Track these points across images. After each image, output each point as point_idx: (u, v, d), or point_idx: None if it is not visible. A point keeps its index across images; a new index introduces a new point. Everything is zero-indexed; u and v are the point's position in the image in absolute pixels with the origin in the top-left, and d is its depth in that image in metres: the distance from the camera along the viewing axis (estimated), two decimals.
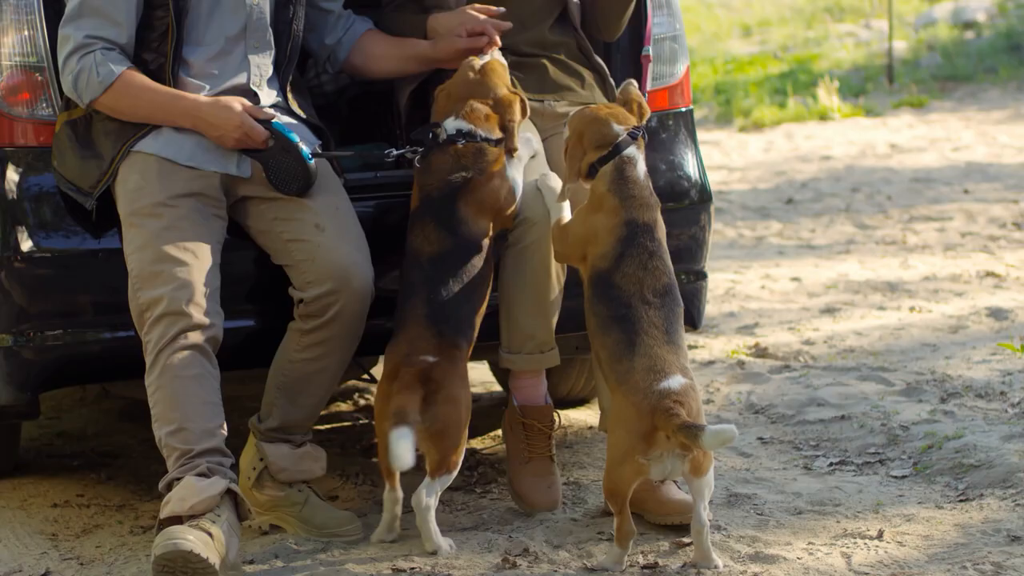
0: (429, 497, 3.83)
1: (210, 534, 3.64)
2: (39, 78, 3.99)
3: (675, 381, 3.67)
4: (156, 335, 3.78)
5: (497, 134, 4.02)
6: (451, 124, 4.02)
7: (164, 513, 3.71)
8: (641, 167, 3.91)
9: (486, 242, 3.97)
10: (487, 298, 3.98)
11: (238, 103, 3.92)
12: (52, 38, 3.97)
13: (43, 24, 3.98)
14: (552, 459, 4.19)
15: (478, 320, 3.97)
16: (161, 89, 3.92)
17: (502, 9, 4.17)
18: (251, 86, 4.06)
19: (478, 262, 3.94)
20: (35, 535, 4.22)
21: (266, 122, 3.93)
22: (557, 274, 4.12)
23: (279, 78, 4.14)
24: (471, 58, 4.10)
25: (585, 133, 3.94)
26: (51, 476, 4.77)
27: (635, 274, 3.79)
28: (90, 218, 3.96)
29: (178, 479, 3.74)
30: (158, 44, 3.95)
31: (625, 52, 4.52)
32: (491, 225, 4.00)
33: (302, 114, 4.18)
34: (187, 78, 3.99)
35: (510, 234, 4.12)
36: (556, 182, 4.08)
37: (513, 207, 4.06)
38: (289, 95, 4.17)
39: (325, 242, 3.93)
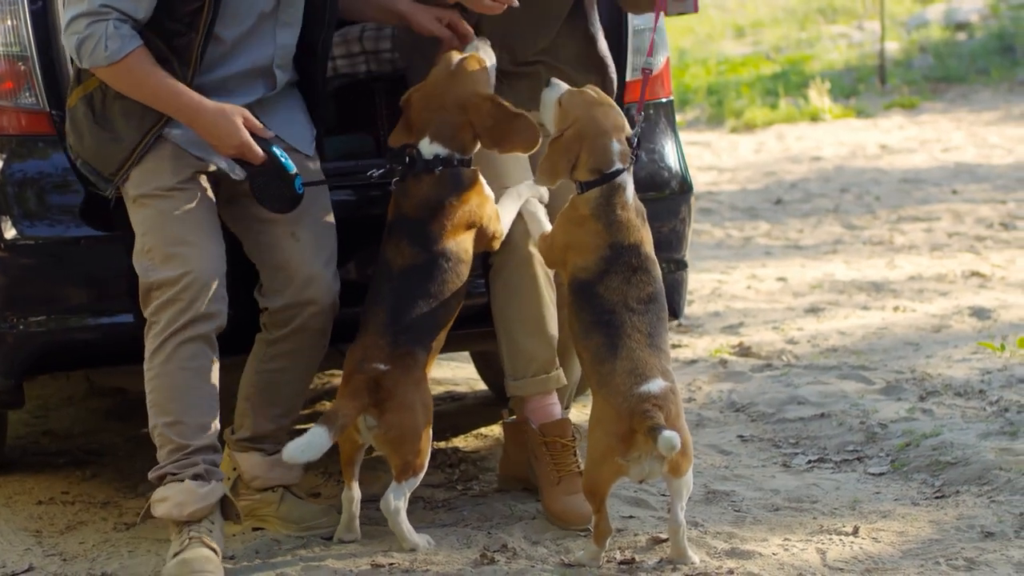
0: (397, 500, 3.86)
1: (214, 550, 3.73)
2: (22, 67, 4.01)
3: (655, 384, 3.70)
4: (165, 319, 3.75)
5: (474, 150, 4.02)
6: (427, 148, 3.98)
7: (159, 512, 3.74)
8: (630, 191, 3.88)
9: (463, 257, 3.97)
10: (456, 311, 3.98)
11: (240, 118, 3.80)
12: (36, 27, 3.99)
13: (27, 14, 4.00)
14: (581, 474, 4.10)
15: (442, 332, 3.97)
16: (164, 80, 3.75)
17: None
18: (273, 67, 3.95)
19: (449, 277, 3.94)
20: (19, 532, 4.25)
21: (264, 142, 3.85)
22: (549, 292, 4.13)
23: (319, 46, 4.03)
24: (450, 53, 4.06)
25: (586, 138, 3.87)
26: (36, 473, 4.80)
27: (619, 287, 3.81)
28: (74, 205, 4.00)
29: (174, 475, 3.76)
30: (190, 19, 3.79)
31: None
32: (470, 242, 3.99)
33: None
34: (213, 58, 3.85)
35: (494, 259, 4.13)
36: (541, 211, 4.07)
37: (497, 228, 4.05)
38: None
39: (297, 254, 3.93)
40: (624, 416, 3.67)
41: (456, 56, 4.05)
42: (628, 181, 3.88)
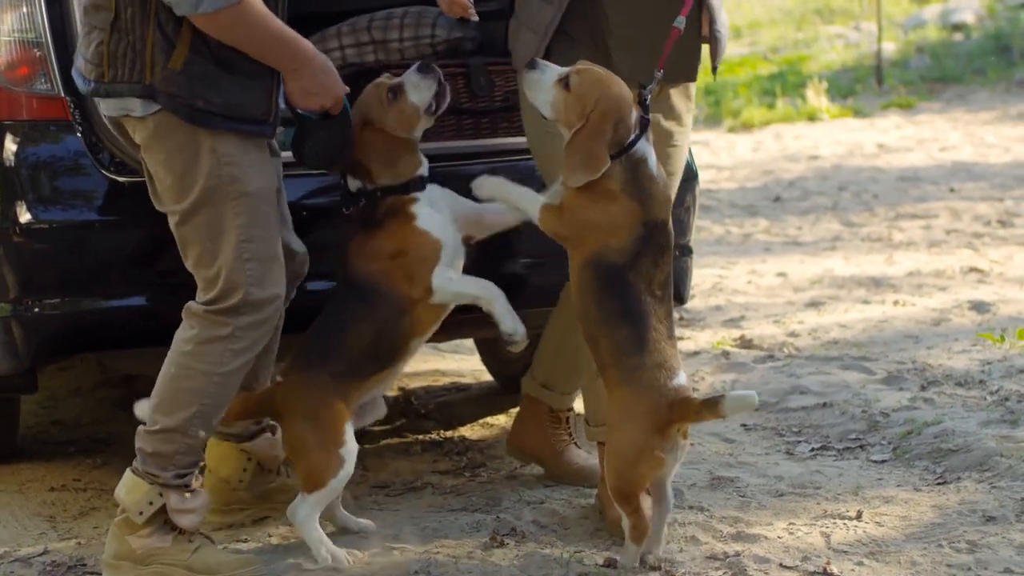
0: (302, 511, 3.80)
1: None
2: (38, 53, 4.04)
3: (682, 377, 3.70)
4: (251, 339, 3.64)
5: (389, 178, 3.90)
6: (351, 182, 3.94)
7: (185, 523, 3.70)
8: (652, 159, 3.76)
9: (374, 288, 3.84)
10: (373, 341, 3.85)
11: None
12: (51, 13, 4.04)
13: (42, 0, 4.05)
14: None
15: (356, 357, 3.83)
16: (282, 23, 3.56)
17: None
18: None
19: (356, 305, 3.84)
20: (33, 517, 4.30)
21: None
22: None
23: None
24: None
25: (611, 115, 3.70)
26: (48, 461, 4.85)
27: (648, 271, 3.71)
28: (87, 190, 4.03)
29: (188, 487, 3.71)
30: None
31: None
32: (385, 275, 3.84)
33: None
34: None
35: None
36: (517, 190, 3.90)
37: (422, 275, 3.84)
38: None
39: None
40: (663, 409, 3.62)
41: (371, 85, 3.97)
42: (648, 150, 3.76)
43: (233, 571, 3.69)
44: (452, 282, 3.88)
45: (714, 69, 4.14)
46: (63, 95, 4.06)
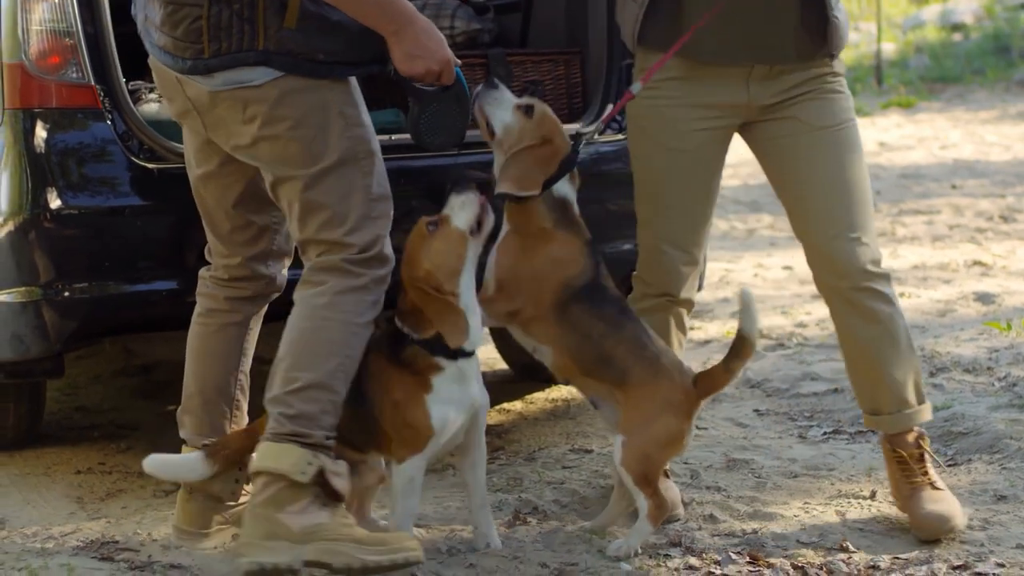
0: None
1: None
2: (69, 42, 4.12)
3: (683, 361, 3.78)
4: (379, 293, 3.55)
5: (427, 332, 3.59)
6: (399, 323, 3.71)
7: (340, 487, 3.50)
8: (575, 205, 3.80)
9: (366, 402, 3.61)
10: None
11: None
12: (81, 4, 4.12)
13: None
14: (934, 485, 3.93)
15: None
16: None
17: None
18: None
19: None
20: (62, 498, 4.37)
21: None
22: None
23: None
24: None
25: (559, 154, 3.77)
26: (72, 445, 4.92)
27: (607, 275, 3.79)
28: (116, 176, 4.11)
29: (329, 451, 3.52)
30: None
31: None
32: (380, 406, 3.60)
33: None
34: None
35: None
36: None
37: (404, 429, 3.59)
38: None
39: None
40: (690, 390, 3.71)
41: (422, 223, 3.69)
42: (571, 193, 3.80)
43: (401, 543, 3.47)
44: (405, 486, 3.61)
45: (831, 57, 3.94)
46: (93, 83, 4.14)
